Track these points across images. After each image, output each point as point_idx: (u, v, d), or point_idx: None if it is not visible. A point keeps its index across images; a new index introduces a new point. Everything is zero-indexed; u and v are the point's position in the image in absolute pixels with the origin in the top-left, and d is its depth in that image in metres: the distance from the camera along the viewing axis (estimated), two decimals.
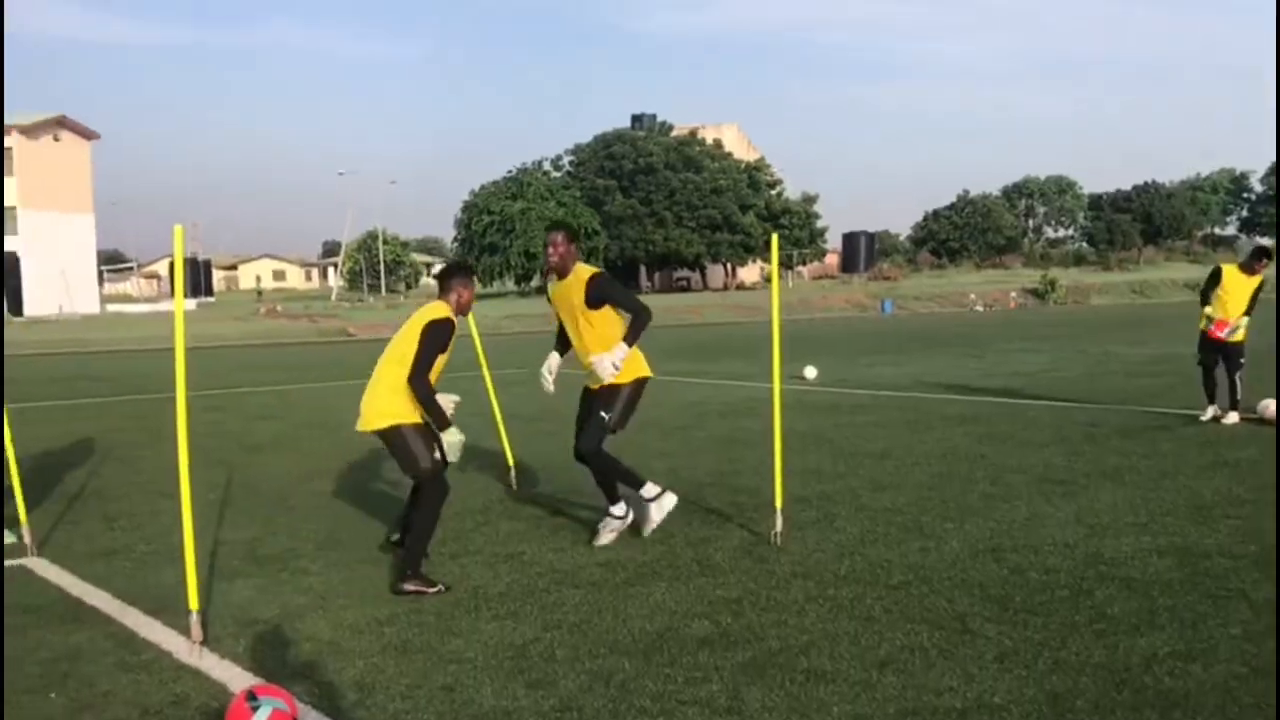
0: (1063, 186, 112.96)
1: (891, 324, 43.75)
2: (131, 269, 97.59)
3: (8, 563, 6.21)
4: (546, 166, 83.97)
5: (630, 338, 6.11)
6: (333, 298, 75.73)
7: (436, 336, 5.73)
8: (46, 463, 9.65)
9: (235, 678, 4.26)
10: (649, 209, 78.96)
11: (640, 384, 6.36)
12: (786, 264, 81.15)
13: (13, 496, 6.57)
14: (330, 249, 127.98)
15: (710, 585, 5.40)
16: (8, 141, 59.48)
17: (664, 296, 67.02)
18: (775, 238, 6.73)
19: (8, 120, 59.50)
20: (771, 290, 6.60)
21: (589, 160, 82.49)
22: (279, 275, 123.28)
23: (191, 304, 63.79)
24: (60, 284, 56.88)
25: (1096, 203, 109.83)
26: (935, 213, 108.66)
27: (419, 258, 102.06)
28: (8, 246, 54.58)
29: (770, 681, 4.05)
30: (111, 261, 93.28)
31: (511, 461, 8.21)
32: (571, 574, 5.69)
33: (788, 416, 6.55)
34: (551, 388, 6.53)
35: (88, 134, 64.52)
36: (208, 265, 70.06)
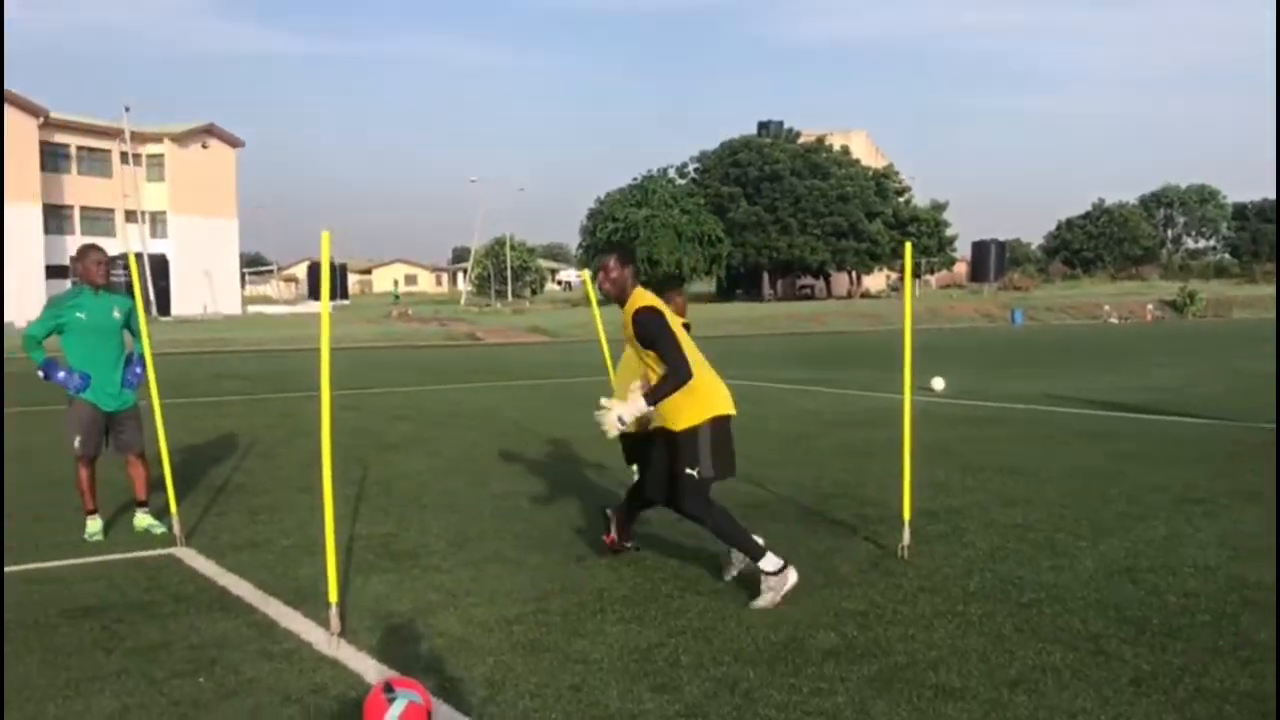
0: (1205, 195, 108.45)
1: (1022, 335, 42.60)
2: (271, 271, 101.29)
3: (159, 551, 6.55)
4: (672, 174, 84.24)
5: (653, 396, 5.27)
6: (461, 302, 77.32)
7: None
8: (194, 457, 10.11)
9: (371, 669, 4.41)
10: (773, 216, 78.56)
11: (718, 424, 5.43)
12: (914, 272, 79.85)
13: (164, 488, 6.91)
14: (460, 254, 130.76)
15: (836, 597, 5.36)
16: (159, 149, 62.43)
17: (787, 304, 66.58)
18: (908, 246, 6.65)
19: (161, 128, 62.51)
20: (904, 298, 6.52)
21: (714, 167, 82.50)
22: (411, 279, 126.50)
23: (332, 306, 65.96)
24: (205, 285, 59.42)
25: (1241, 212, 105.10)
26: (1069, 221, 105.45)
27: (545, 264, 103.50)
28: (158, 249, 57.32)
29: (897, 696, 4.01)
30: (253, 264, 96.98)
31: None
32: (695, 581, 5.72)
33: (914, 428, 6.45)
34: (609, 429, 5.47)
35: (234, 141, 67.27)
36: (344, 269, 72.28)
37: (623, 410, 5.29)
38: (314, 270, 72.87)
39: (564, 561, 6.18)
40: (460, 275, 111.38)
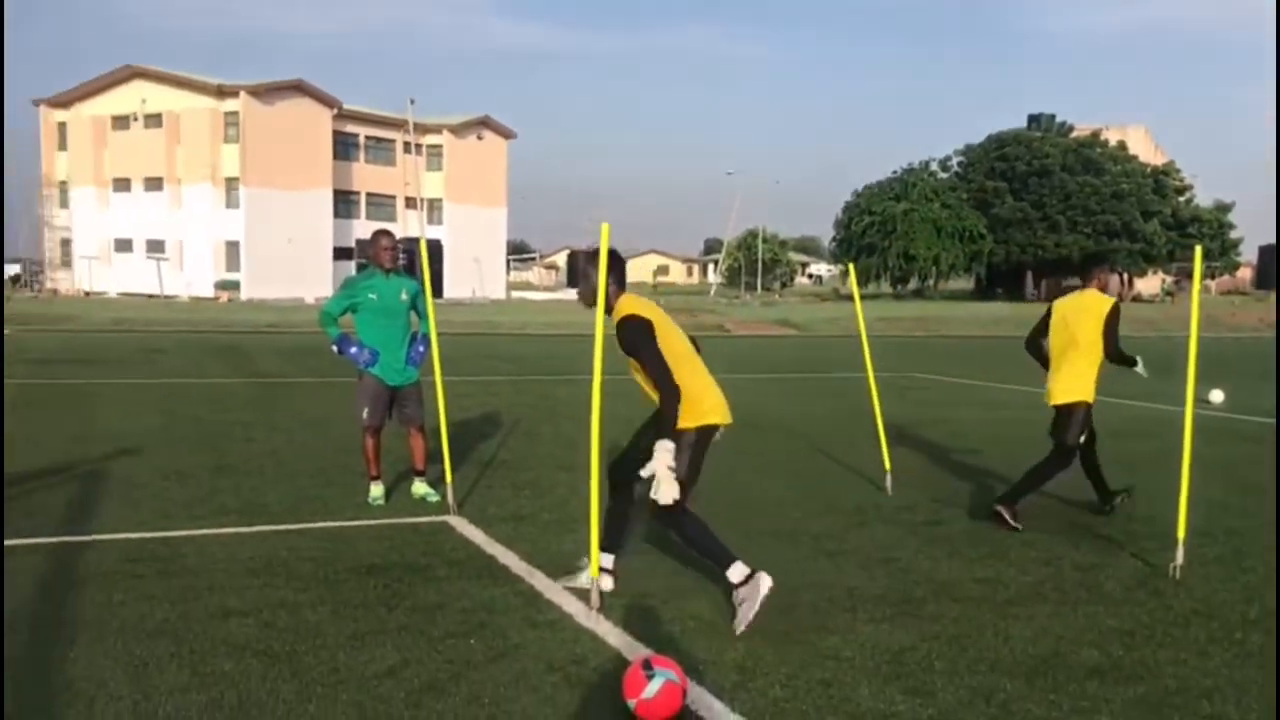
0: None
1: None
2: (534, 259, 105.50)
3: (433, 518, 7.00)
4: (934, 167, 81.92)
5: (665, 426, 4.97)
6: (711, 293, 78.07)
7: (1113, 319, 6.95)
8: (464, 432, 10.72)
9: (628, 645, 4.59)
10: (1040, 213, 75.00)
11: (707, 432, 5.24)
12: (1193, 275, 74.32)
13: (440, 459, 7.39)
14: (711, 246, 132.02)
15: (1100, 614, 5.13)
16: (439, 139, 66.22)
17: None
18: (1199, 250, 6.24)
19: (440, 120, 66.25)
20: (1191, 305, 6.14)
21: (979, 161, 79.57)
22: (662, 270, 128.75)
23: None
24: (475, 271, 62.57)
25: None
26: None
27: (796, 257, 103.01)
28: (433, 235, 60.85)
29: None
30: (517, 252, 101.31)
31: (888, 466, 8.17)
32: (949, 586, 5.61)
33: (1192, 442, 6.06)
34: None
35: (507, 133, 70.53)
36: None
37: (658, 465, 4.91)
38: (573, 258, 75.35)
39: (813, 556, 6.20)
40: (711, 267, 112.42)
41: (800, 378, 19.50)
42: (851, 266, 9.94)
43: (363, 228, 59.26)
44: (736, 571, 4.99)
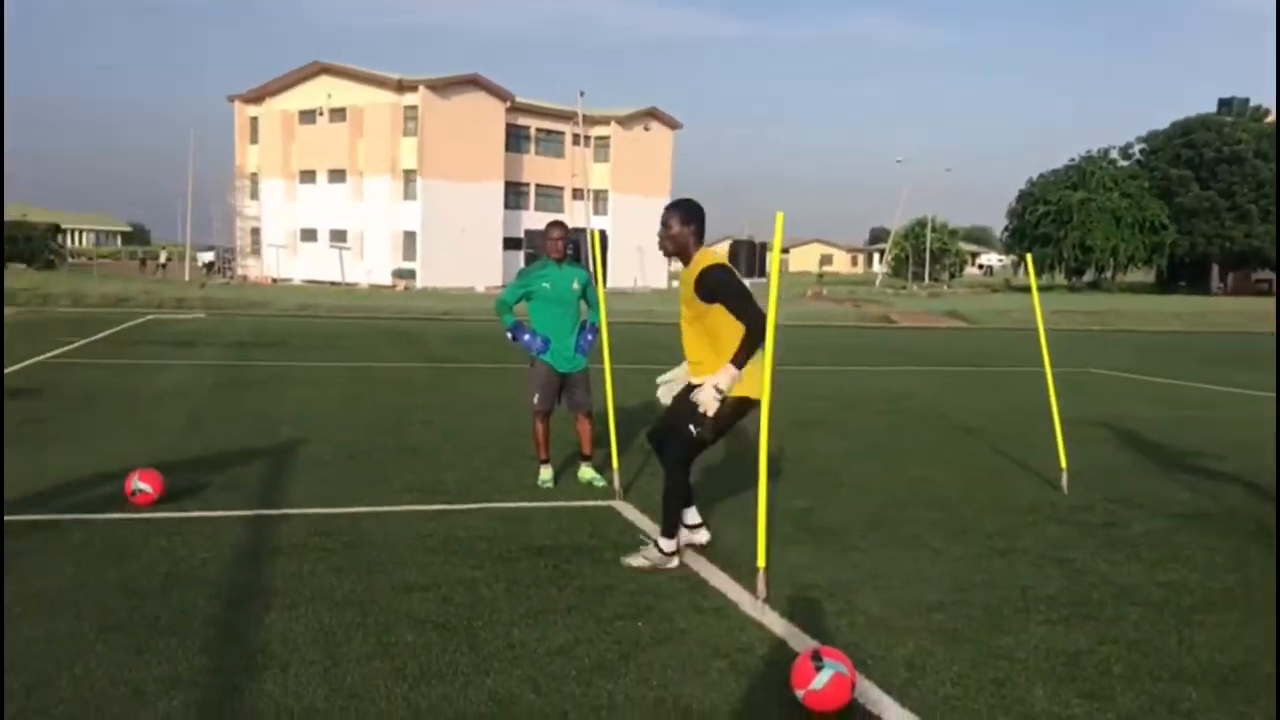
0: None
1: None
2: None
3: (600, 502, 7.15)
4: (1114, 155, 78.40)
5: (740, 358, 5.22)
6: (876, 283, 76.73)
7: None
8: (627, 418, 10.83)
9: (793, 636, 4.60)
10: (1229, 202, 70.90)
11: (742, 405, 5.43)
12: None
13: (606, 444, 7.54)
14: (877, 235, 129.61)
15: None
16: (606, 131, 67.05)
17: (1237, 299, 59.94)
18: None
19: (608, 111, 67.06)
20: None
21: (1163, 148, 75.74)
22: (826, 260, 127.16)
23: (746, 284, 67.90)
24: (637, 260, 63.14)
25: None
26: None
27: (965, 247, 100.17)
28: (599, 225, 61.71)
29: None
30: None
31: (1064, 464, 7.90)
32: (1128, 590, 5.41)
33: None
34: (666, 399, 5.77)
35: (673, 124, 70.88)
36: (762, 248, 73.79)
37: (715, 381, 5.22)
38: (735, 248, 75.26)
39: (986, 554, 6.07)
40: (876, 256, 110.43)
41: (969, 371, 19.00)
42: (1029, 258, 9.64)
43: (531, 219, 60.54)
44: (668, 544, 5.55)
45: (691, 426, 5.40)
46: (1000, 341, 27.46)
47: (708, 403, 5.25)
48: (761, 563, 5.04)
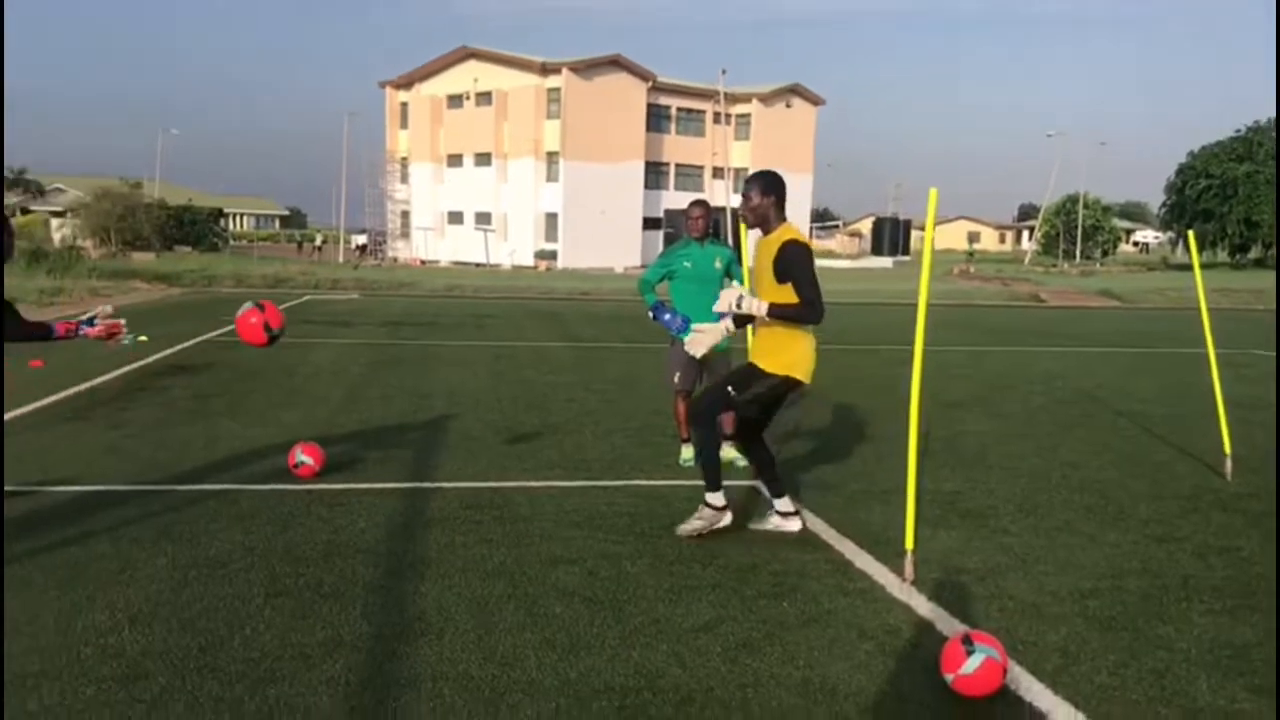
0: None
1: None
2: (837, 226, 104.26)
3: (741, 482, 7.15)
4: None
5: (777, 312, 5.32)
6: (1025, 261, 74.35)
7: None
8: None
9: (941, 619, 4.54)
10: None
11: (790, 383, 5.51)
12: None
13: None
14: (1026, 212, 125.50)
15: None
16: (747, 109, 66.60)
17: None
18: None
19: (750, 89, 66.59)
20: None
21: None
22: (973, 237, 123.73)
23: (888, 262, 66.72)
24: None
25: None
26: None
27: (1120, 224, 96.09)
28: (737, 204, 61.35)
29: None
30: (821, 219, 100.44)
31: (1227, 449, 7.55)
32: None
33: None
34: (697, 353, 5.87)
35: (815, 100, 69.94)
36: (907, 225, 72.45)
37: (746, 299, 5.34)
38: (878, 226, 74.02)
39: (1143, 541, 5.86)
40: (1025, 234, 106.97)
41: (1122, 352, 18.27)
42: (1190, 234, 9.21)
43: (671, 198, 60.60)
44: (716, 498, 5.70)
45: (731, 389, 5.55)
46: (1156, 321, 26.32)
47: (723, 303, 5.42)
48: (910, 545, 4.98)
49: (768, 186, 5.55)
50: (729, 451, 7.80)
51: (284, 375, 12.21)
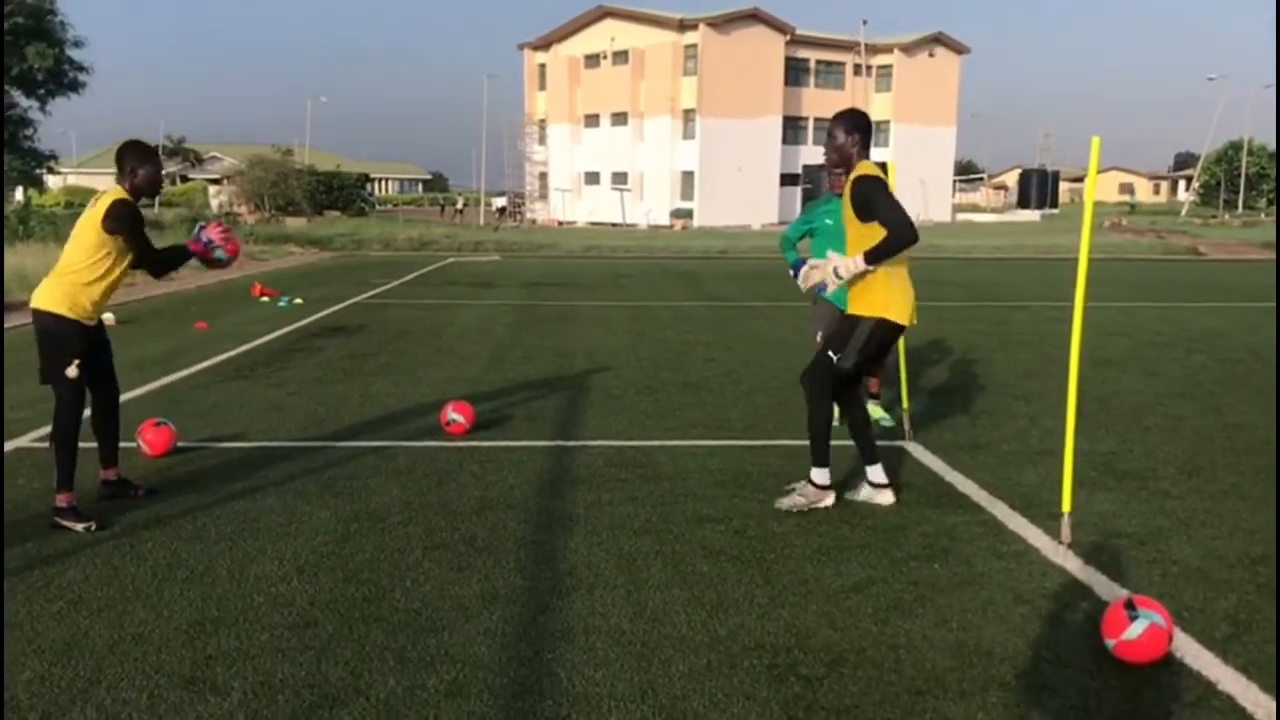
0: None
1: None
2: (981, 179, 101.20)
3: (888, 443, 7.05)
4: None
5: (872, 255, 5.11)
6: (1183, 213, 70.88)
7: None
8: (915, 358, 10.59)
9: (1099, 584, 4.41)
10: None
11: (883, 327, 5.31)
12: None
13: (895, 383, 7.42)
14: (1183, 161, 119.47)
15: None
16: (889, 59, 64.97)
17: None
18: None
19: (892, 39, 64.94)
20: None
21: None
22: (1126, 188, 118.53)
23: (1035, 215, 64.47)
24: (919, 192, 61.13)
25: None
26: None
27: None
28: (881, 157, 60.15)
29: None
30: (964, 172, 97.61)
31: None
32: None
33: None
34: (805, 286, 5.86)
35: (960, 49, 67.78)
36: (1055, 177, 69.81)
37: (841, 265, 5.25)
38: (1025, 178, 71.49)
39: None
40: (1183, 184, 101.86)
41: None
42: None
43: (810, 153, 59.67)
44: (820, 476, 5.49)
45: (831, 353, 5.40)
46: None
47: (827, 275, 5.38)
48: (1066, 507, 4.85)
49: (852, 125, 5.45)
50: (875, 410, 7.70)
51: (432, 335, 12.54)
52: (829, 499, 5.50)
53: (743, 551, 4.84)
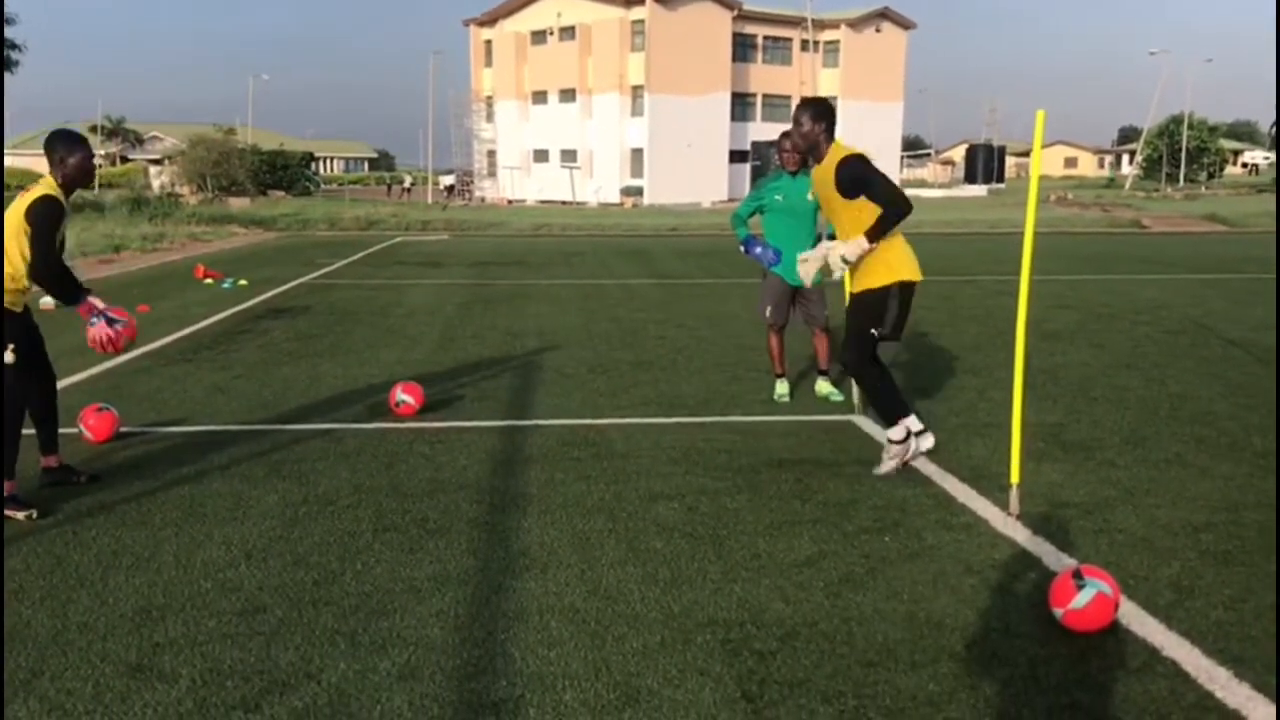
0: None
1: None
2: (928, 155, 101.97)
3: (837, 417, 7.11)
4: None
5: (873, 232, 5.34)
6: (1126, 186, 71.90)
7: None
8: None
9: (1047, 554, 4.47)
10: None
11: (904, 286, 5.54)
12: None
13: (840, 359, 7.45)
14: (1127, 135, 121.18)
15: None
16: (836, 35, 65.10)
17: None
18: None
19: (839, 14, 65.00)
20: None
21: None
22: (1070, 162, 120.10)
23: (983, 190, 65.07)
24: None
25: None
26: None
27: (1227, 145, 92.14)
28: None
29: None
30: (912, 147, 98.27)
31: None
32: None
33: None
34: (808, 279, 5.95)
35: (906, 24, 68.08)
36: (1002, 151, 70.42)
37: (844, 250, 5.42)
38: (972, 153, 72.04)
39: (1257, 473, 5.68)
40: (1126, 158, 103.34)
41: (1231, 279, 17.61)
42: None
43: (758, 130, 59.75)
44: (898, 432, 5.66)
45: (874, 330, 5.55)
46: (1267, 246, 25.29)
47: (835, 263, 5.51)
48: (1015, 479, 4.90)
49: (819, 114, 5.60)
50: (824, 385, 7.75)
51: (380, 316, 12.42)
52: (915, 445, 5.71)
53: (695, 528, 4.85)
